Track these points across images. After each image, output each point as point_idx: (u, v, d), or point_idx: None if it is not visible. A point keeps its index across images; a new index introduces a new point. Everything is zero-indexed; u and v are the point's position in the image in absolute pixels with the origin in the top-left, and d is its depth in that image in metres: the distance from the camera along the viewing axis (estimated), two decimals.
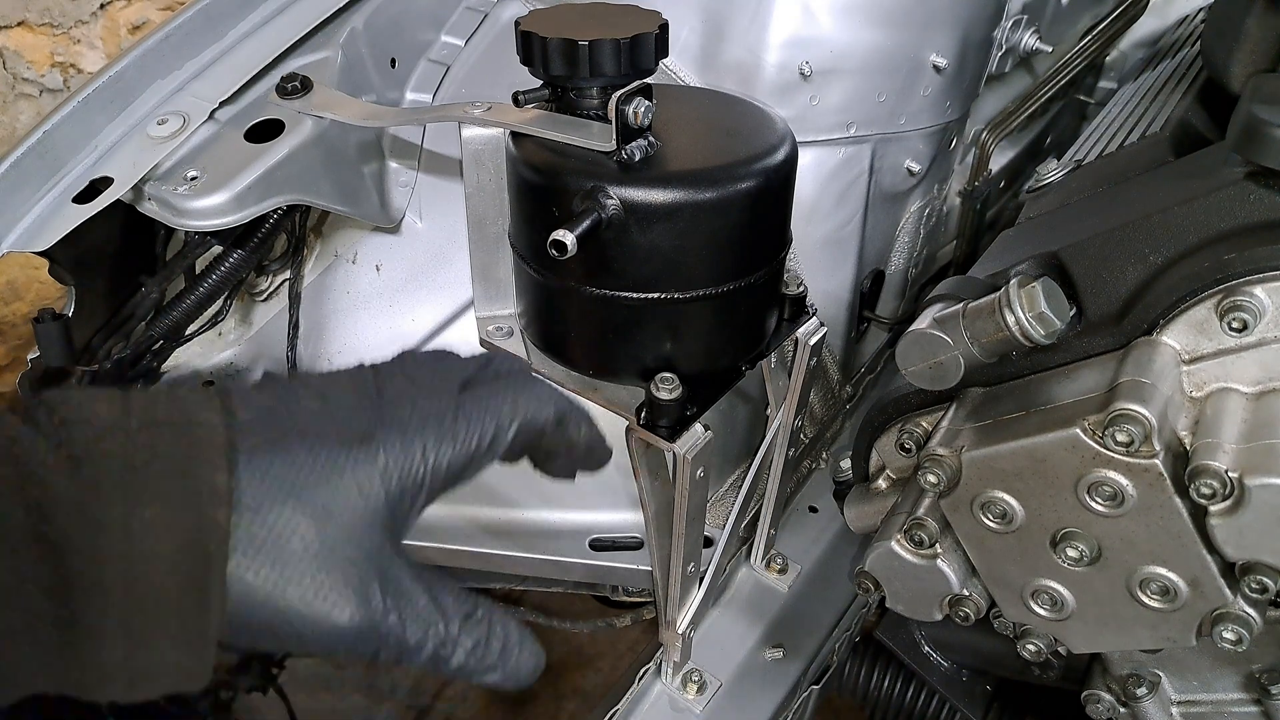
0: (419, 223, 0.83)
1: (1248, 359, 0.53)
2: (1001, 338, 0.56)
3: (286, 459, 0.38)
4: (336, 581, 0.38)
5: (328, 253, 0.87)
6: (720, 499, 0.92)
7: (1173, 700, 0.68)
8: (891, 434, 0.70)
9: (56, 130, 0.67)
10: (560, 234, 0.49)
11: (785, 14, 0.77)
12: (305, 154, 0.69)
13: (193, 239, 0.76)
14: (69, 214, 0.65)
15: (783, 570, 0.89)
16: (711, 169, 0.53)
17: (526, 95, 0.56)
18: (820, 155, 0.84)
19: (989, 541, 0.59)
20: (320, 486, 0.38)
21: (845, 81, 0.80)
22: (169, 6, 1.88)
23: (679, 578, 0.68)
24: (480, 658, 0.41)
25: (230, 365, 0.91)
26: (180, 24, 0.72)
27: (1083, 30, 1.22)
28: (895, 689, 1.02)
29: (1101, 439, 0.51)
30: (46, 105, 1.86)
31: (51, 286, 1.80)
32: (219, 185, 0.66)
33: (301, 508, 0.38)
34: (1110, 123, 0.88)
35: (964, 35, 0.86)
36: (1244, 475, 0.48)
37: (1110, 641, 0.59)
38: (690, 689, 0.79)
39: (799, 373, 0.71)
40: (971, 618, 0.64)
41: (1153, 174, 0.68)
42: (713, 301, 0.56)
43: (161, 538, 0.36)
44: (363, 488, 0.39)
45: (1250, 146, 0.52)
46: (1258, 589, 0.51)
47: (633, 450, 0.61)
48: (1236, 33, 0.65)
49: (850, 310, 0.95)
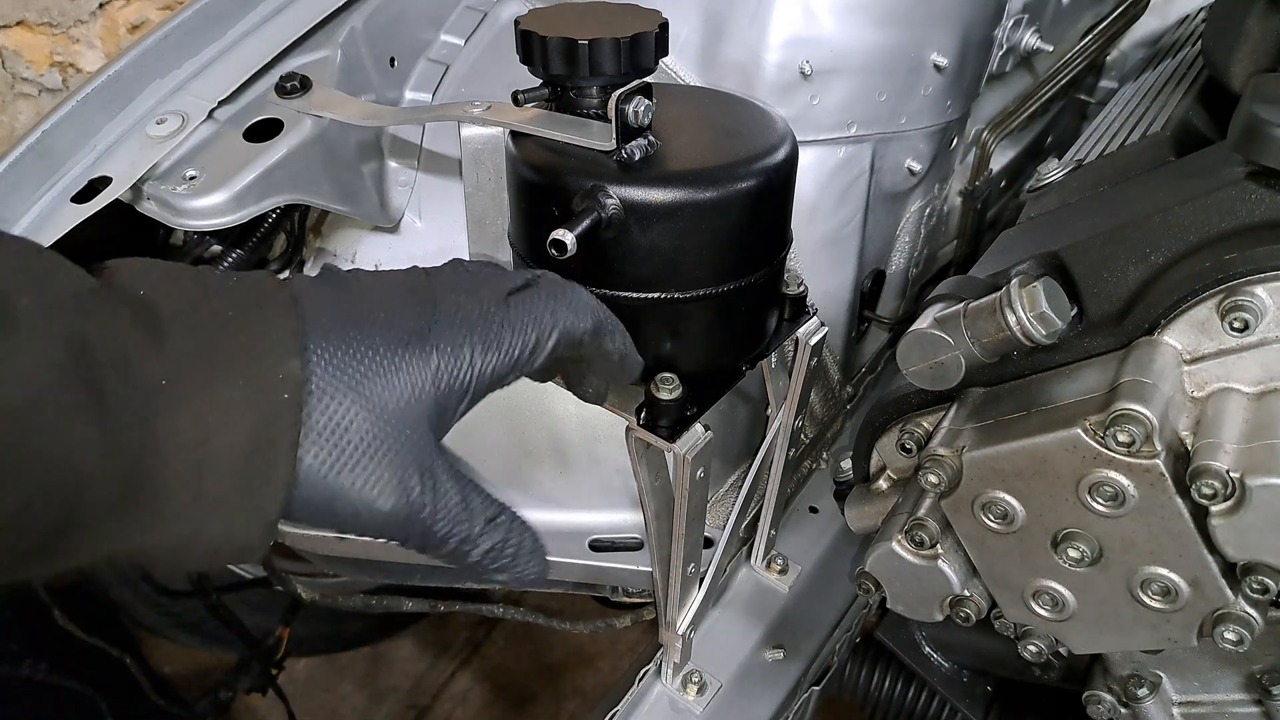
0: (419, 222, 0.83)
1: (1249, 359, 0.53)
2: (1002, 338, 0.56)
3: (349, 351, 0.41)
4: (384, 472, 0.41)
5: (327, 252, 0.87)
6: (720, 499, 0.92)
7: (1174, 701, 0.68)
8: (892, 434, 0.70)
9: (55, 130, 0.67)
10: (560, 233, 0.49)
11: (785, 13, 0.77)
12: (304, 153, 0.69)
13: (192, 238, 0.76)
14: (68, 213, 0.65)
15: (783, 571, 0.89)
16: (712, 169, 0.53)
17: (526, 94, 0.56)
18: (820, 155, 0.83)
19: (990, 542, 0.59)
20: (378, 380, 0.41)
21: (846, 81, 0.80)
22: (168, 6, 1.88)
23: (679, 578, 0.68)
24: (494, 559, 0.45)
25: None
26: (179, 23, 0.72)
27: (1083, 30, 1.22)
28: (896, 689, 1.02)
29: (1102, 439, 0.51)
30: (45, 105, 1.86)
31: None
32: (218, 185, 0.66)
33: (360, 400, 0.40)
34: (1111, 122, 0.88)
35: (965, 34, 0.86)
36: (1245, 475, 0.48)
37: (1111, 642, 0.59)
38: (690, 690, 0.79)
39: (799, 373, 0.70)
40: (972, 618, 0.63)
41: (1154, 174, 0.68)
42: (713, 301, 0.56)
43: (235, 417, 0.38)
44: (415, 387, 0.42)
45: (1251, 146, 0.52)
46: (1259, 589, 0.51)
47: (633, 450, 0.61)
48: (1237, 32, 0.65)
49: (851, 310, 0.95)
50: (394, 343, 0.42)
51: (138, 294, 0.40)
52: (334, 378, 0.40)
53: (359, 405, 0.40)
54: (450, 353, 0.43)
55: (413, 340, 0.43)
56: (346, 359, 0.41)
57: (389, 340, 0.42)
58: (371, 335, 0.42)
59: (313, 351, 0.40)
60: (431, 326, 0.43)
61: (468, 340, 0.44)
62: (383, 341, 0.42)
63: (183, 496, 0.38)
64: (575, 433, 0.83)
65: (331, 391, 0.40)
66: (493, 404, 0.84)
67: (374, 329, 0.42)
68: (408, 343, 0.42)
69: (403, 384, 0.42)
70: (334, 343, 0.41)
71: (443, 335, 0.43)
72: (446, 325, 0.44)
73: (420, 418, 0.42)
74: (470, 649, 1.82)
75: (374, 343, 0.42)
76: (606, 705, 0.78)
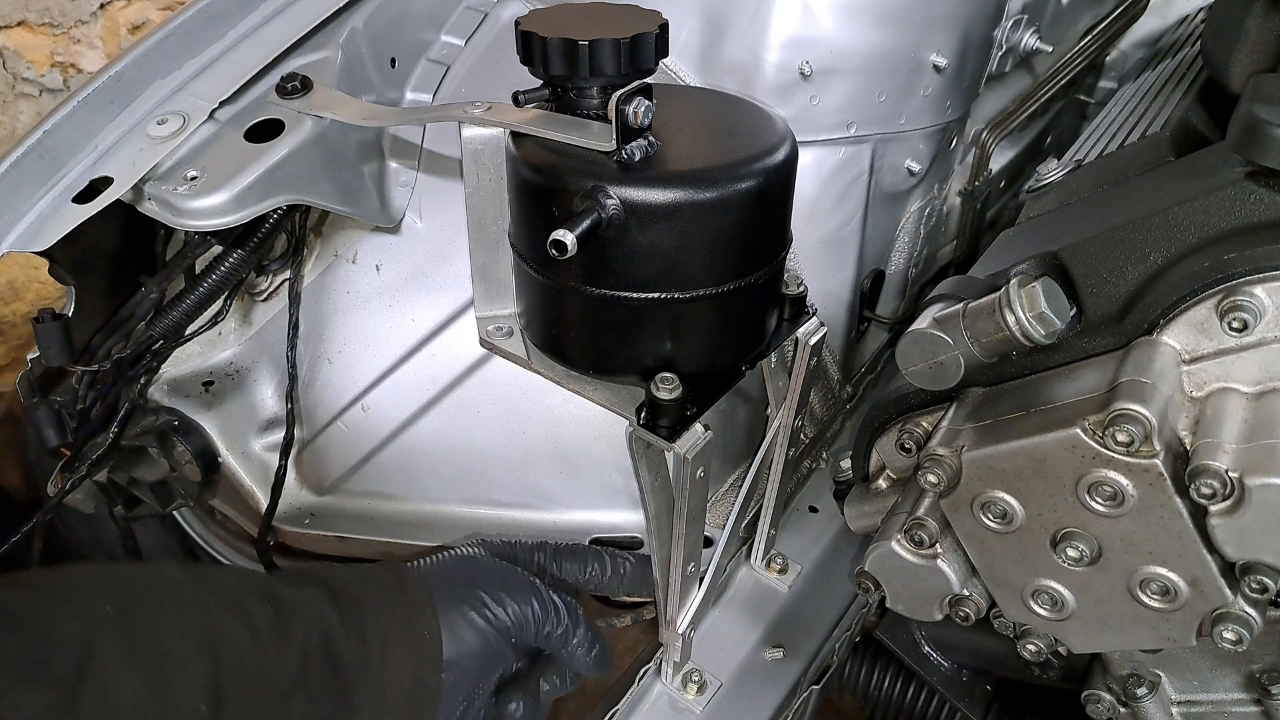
0: (419, 223, 0.83)
1: (1248, 359, 0.53)
2: (1002, 337, 0.56)
3: (461, 610, 0.66)
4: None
5: (328, 253, 0.87)
6: (720, 499, 0.92)
7: (1173, 700, 0.68)
8: (891, 434, 0.70)
9: (56, 130, 0.67)
10: (560, 234, 0.49)
11: (785, 14, 0.77)
12: (305, 154, 0.69)
13: (193, 239, 0.76)
14: (69, 214, 0.65)
15: (783, 570, 0.89)
16: (711, 169, 0.53)
17: (526, 95, 0.56)
18: (820, 155, 0.84)
19: (989, 541, 0.59)
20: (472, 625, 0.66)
21: (845, 81, 0.80)
22: (169, 6, 1.88)
23: (679, 578, 0.68)
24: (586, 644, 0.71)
25: (230, 365, 0.91)
26: (180, 24, 0.72)
27: (1083, 30, 1.22)
28: (895, 689, 1.03)
29: (1102, 439, 0.51)
30: (46, 105, 1.87)
31: (51, 286, 1.80)
32: (219, 185, 0.66)
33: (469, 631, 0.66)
34: (1110, 122, 0.88)
35: (964, 35, 0.86)
36: (1244, 475, 0.48)
37: (1110, 641, 0.59)
38: (690, 689, 0.79)
39: (799, 373, 0.71)
40: (972, 618, 0.64)
41: (1153, 174, 0.68)
42: (713, 301, 0.56)
43: (403, 669, 0.61)
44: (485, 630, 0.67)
45: (1250, 146, 0.52)
46: (1258, 589, 0.51)
47: (633, 450, 0.61)
48: (1237, 32, 0.65)
49: (850, 310, 0.95)
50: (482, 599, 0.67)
51: (330, 584, 0.62)
52: (455, 626, 0.64)
53: (473, 635, 0.65)
54: (512, 604, 0.68)
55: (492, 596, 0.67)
56: (460, 616, 0.65)
57: (480, 597, 0.67)
58: (473, 595, 0.67)
59: (440, 612, 0.64)
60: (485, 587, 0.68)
61: (525, 598, 0.68)
62: (477, 598, 0.66)
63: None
64: (575, 433, 0.84)
65: (455, 636, 0.64)
66: (493, 404, 0.84)
67: (475, 597, 0.66)
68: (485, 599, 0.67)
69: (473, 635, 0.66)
70: (452, 608, 0.65)
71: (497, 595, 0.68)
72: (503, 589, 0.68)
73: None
74: None
75: (474, 601, 0.66)
76: (607, 704, 0.78)
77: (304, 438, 0.90)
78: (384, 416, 0.86)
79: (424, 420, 0.85)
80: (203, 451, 0.90)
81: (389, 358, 0.84)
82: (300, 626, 0.58)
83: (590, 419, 0.82)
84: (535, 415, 0.83)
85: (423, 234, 0.84)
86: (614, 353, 0.59)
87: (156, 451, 0.89)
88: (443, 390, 0.84)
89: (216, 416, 0.92)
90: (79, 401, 0.79)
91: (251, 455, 0.92)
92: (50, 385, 0.81)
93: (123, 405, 0.84)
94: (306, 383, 0.88)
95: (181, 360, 0.90)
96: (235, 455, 0.92)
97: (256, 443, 0.92)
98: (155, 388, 0.91)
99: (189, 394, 0.91)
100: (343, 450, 0.89)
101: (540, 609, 0.68)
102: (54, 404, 0.80)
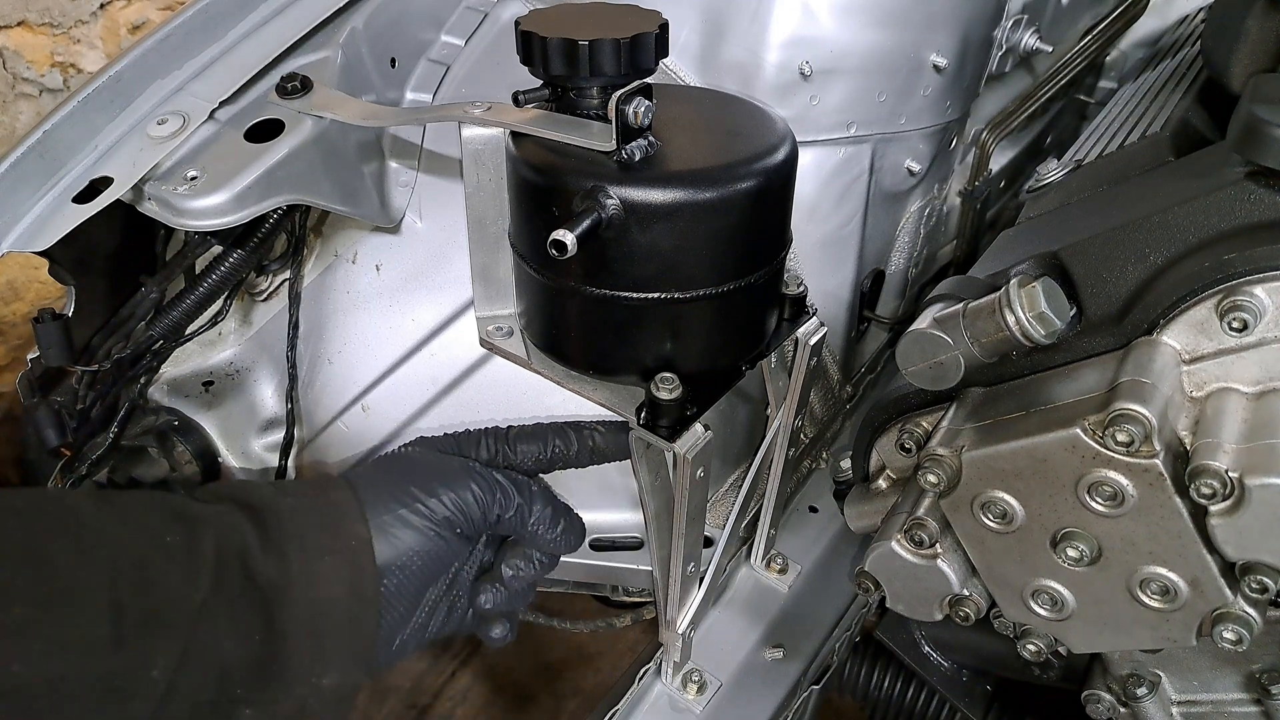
0: (419, 223, 0.83)
1: (1248, 359, 0.53)
2: (1002, 337, 0.56)
3: (391, 507, 0.61)
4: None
5: (328, 253, 0.87)
6: (720, 499, 0.92)
7: (1173, 700, 0.68)
8: (891, 434, 0.70)
9: (56, 130, 0.67)
10: (560, 234, 0.49)
11: (785, 14, 0.77)
12: (305, 154, 0.69)
13: (193, 239, 0.76)
14: (69, 214, 0.65)
15: (783, 570, 0.90)
16: (711, 169, 0.53)
17: (526, 95, 0.56)
18: (820, 155, 0.84)
19: (989, 541, 0.59)
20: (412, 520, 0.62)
21: (845, 81, 0.80)
22: (169, 6, 1.88)
23: (679, 578, 0.68)
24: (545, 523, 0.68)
25: (230, 365, 0.91)
26: (180, 24, 0.72)
27: (1083, 30, 1.22)
28: (895, 689, 1.03)
29: (1101, 439, 0.51)
30: (46, 105, 1.87)
31: (51, 286, 1.80)
32: (219, 185, 0.66)
33: (406, 531, 0.61)
34: (1110, 122, 0.88)
35: (964, 35, 0.86)
36: (1244, 475, 0.48)
37: (1110, 641, 0.60)
38: (690, 689, 0.79)
39: (799, 373, 0.71)
40: (972, 618, 0.64)
41: (1153, 174, 0.68)
42: (713, 301, 0.56)
43: (333, 580, 0.57)
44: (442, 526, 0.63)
45: (1250, 146, 0.52)
46: (1258, 589, 0.51)
47: (633, 450, 0.61)
48: (1236, 32, 0.65)
49: (850, 310, 0.95)
50: (423, 487, 0.63)
51: (245, 499, 0.57)
52: (388, 528, 0.60)
53: (409, 533, 0.61)
54: (457, 494, 0.64)
55: (437, 486, 0.63)
56: (391, 516, 0.61)
57: (410, 491, 0.62)
58: (403, 491, 0.62)
59: (370, 513, 0.60)
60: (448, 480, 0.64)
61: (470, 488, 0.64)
62: (407, 493, 0.62)
63: (302, 649, 0.55)
64: None
65: (395, 538, 0.60)
66: (493, 404, 0.84)
67: (405, 492, 0.62)
68: (432, 489, 0.63)
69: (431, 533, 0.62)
70: (380, 508, 0.61)
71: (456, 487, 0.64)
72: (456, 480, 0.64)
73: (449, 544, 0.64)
74: (471, 648, 1.82)
75: (404, 497, 0.62)
76: (607, 704, 0.78)
77: (304, 438, 0.90)
78: (384, 416, 0.86)
79: (424, 420, 0.85)
80: (203, 451, 0.90)
81: (389, 358, 0.84)
82: (211, 541, 0.53)
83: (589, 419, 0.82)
84: (535, 415, 0.83)
85: (423, 234, 0.84)
86: (614, 353, 0.59)
87: (156, 451, 0.89)
88: (443, 390, 0.84)
89: (216, 416, 0.92)
90: (79, 401, 0.79)
91: (251, 455, 0.92)
92: (50, 385, 0.81)
93: (123, 405, 0.83)
94: (306, 383, 0.88)
95: (181, 360, 0.90)
96: (235, 455, 0.92)
97: (256, 443, 0.92)
98: (155, 388, 0.91)
99: (189, 394, 0.91)
100: (343, 450, 0.89)
101: (483, 492, 0.63)
102: (54, 404, 0.80)
